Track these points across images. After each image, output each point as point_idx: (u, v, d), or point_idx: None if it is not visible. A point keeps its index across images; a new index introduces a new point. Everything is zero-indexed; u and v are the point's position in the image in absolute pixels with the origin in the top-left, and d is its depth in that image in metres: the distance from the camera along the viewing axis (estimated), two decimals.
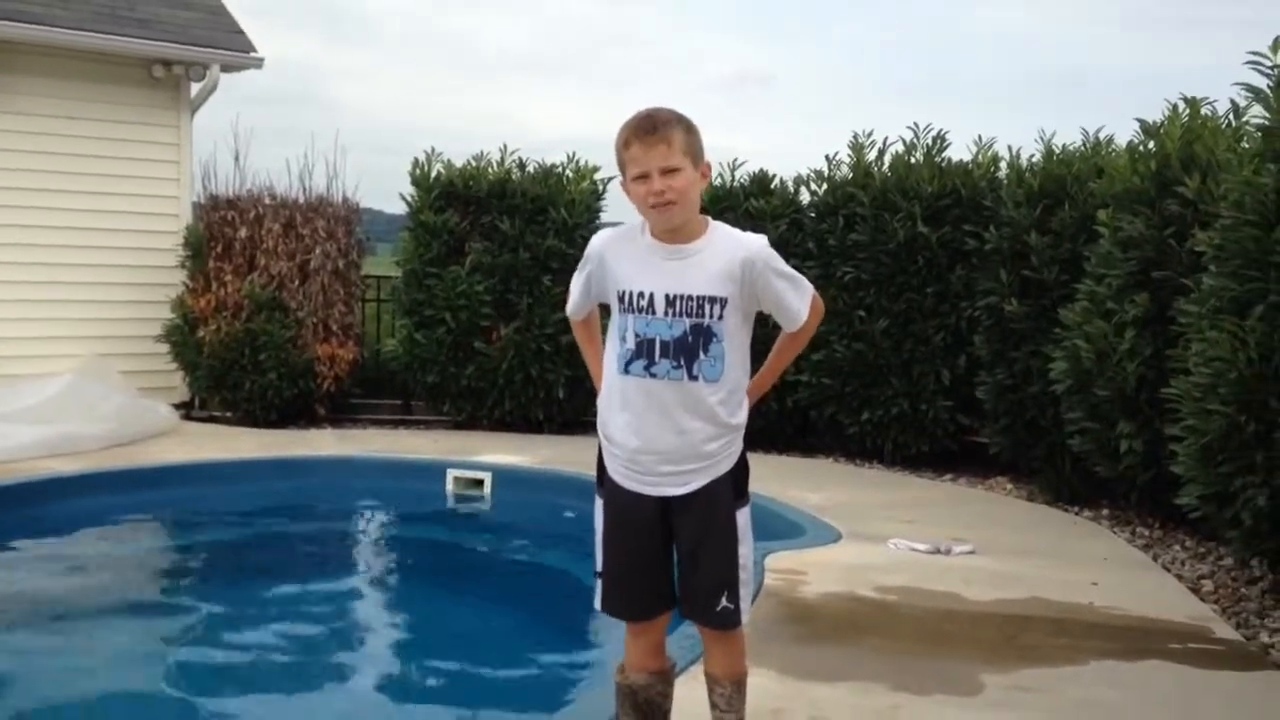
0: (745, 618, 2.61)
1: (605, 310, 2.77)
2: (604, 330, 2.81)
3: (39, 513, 6.13)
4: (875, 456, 8.02)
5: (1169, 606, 4.53)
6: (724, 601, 2.56)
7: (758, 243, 2.55)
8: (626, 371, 2.54)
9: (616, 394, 2.58)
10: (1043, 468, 6.88)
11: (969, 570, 4.98)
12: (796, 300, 2.60)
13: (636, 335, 2.52)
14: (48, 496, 6.36)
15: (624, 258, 2.57)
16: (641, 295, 2.52)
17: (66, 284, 8.94)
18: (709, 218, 2.58)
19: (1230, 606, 4.67)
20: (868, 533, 5.61)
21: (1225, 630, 4.25)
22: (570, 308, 2.78)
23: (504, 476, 7.14)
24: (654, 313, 2.51)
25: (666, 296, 2.50)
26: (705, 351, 2.50)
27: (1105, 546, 5.66)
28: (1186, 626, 4.27)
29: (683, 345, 2.50)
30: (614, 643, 3.80)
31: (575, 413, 9.00)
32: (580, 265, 2.69)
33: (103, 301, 9.07)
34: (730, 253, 2.52)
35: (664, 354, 2.50)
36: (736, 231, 2.59)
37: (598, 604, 2.69)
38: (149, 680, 4.21)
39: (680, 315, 2.50)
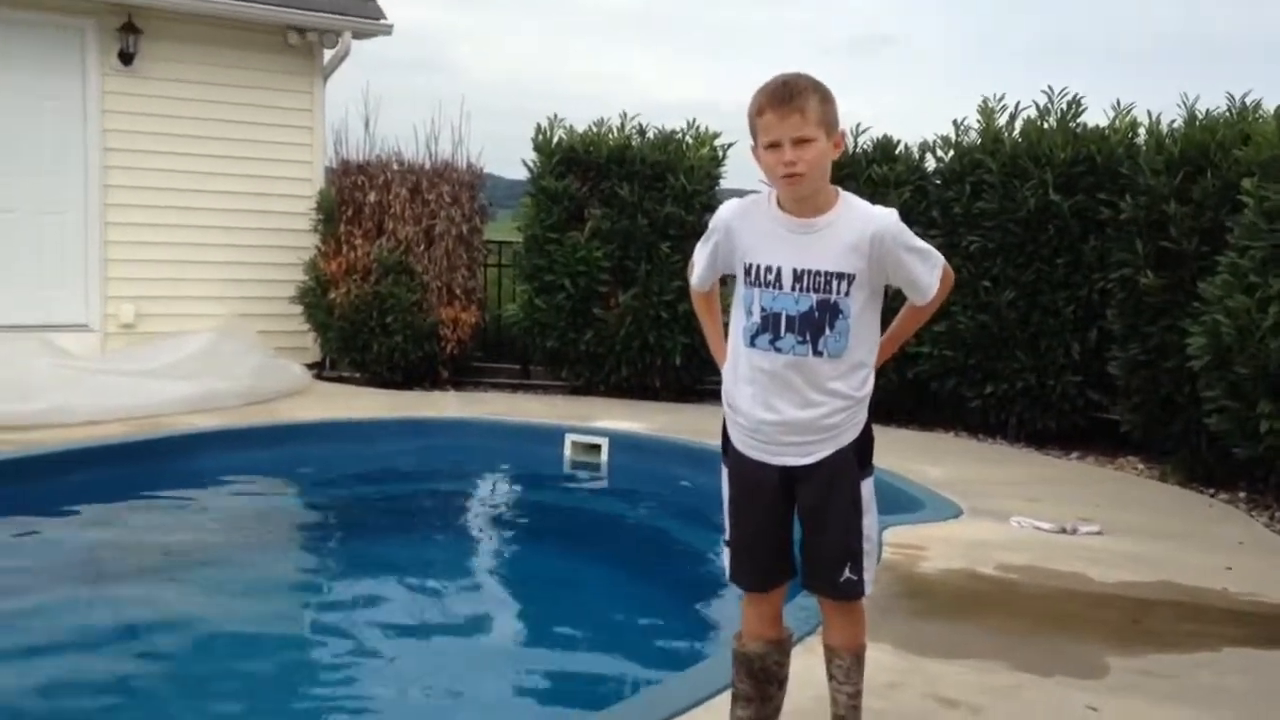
0: (868, 589, 2.59)
1: (722, 280, 2.77)
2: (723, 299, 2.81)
3: (184, 466, 6.45)
4: (998, 432, 7.84)
5: None
6: (847, 573, 2.55)
7: (888, 218, 2.50)
8: (752, 344, 2.53)
9: (742, 365, 2.57)
10: (1176, 447, 6.64)
11: (1095, 551, 4.85)
12: (927, 274, 2.55)
13: (763, 309, 2.51)
14: (193, 450, 6.68)
15: (751, 230, 2.55)
16: (769, 269, 2.50)
17: (207, 245, 9.31)
18: (839, 189, 2.54)
19: None
20: (990, 509, 5.51)
21: None
22: (695, 279, 2.75)
23: (621, 443, 7.21)
24: (781, 287, 2.49)
25: (794, 271, 2.48)
26: (831, 328, 2.48)
27: (1241, 530, 5.44)
28: None
29: (809, 321, 2.48)
30: (731, 610, 3.83)
31: (691, 380, 9.03)
32: (706, 235, 2.68)
33: (240, 263, 9.43)
34: (859, 228, 2.48)
35: (789, 329, 2.49)
36: (866, 205, 2.54)
37: (728, 573, 2.70)
38: (279, 627, 4.41)
39: (807, 290, 2.47)
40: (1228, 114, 6.73)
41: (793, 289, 2.48)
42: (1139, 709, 3.16)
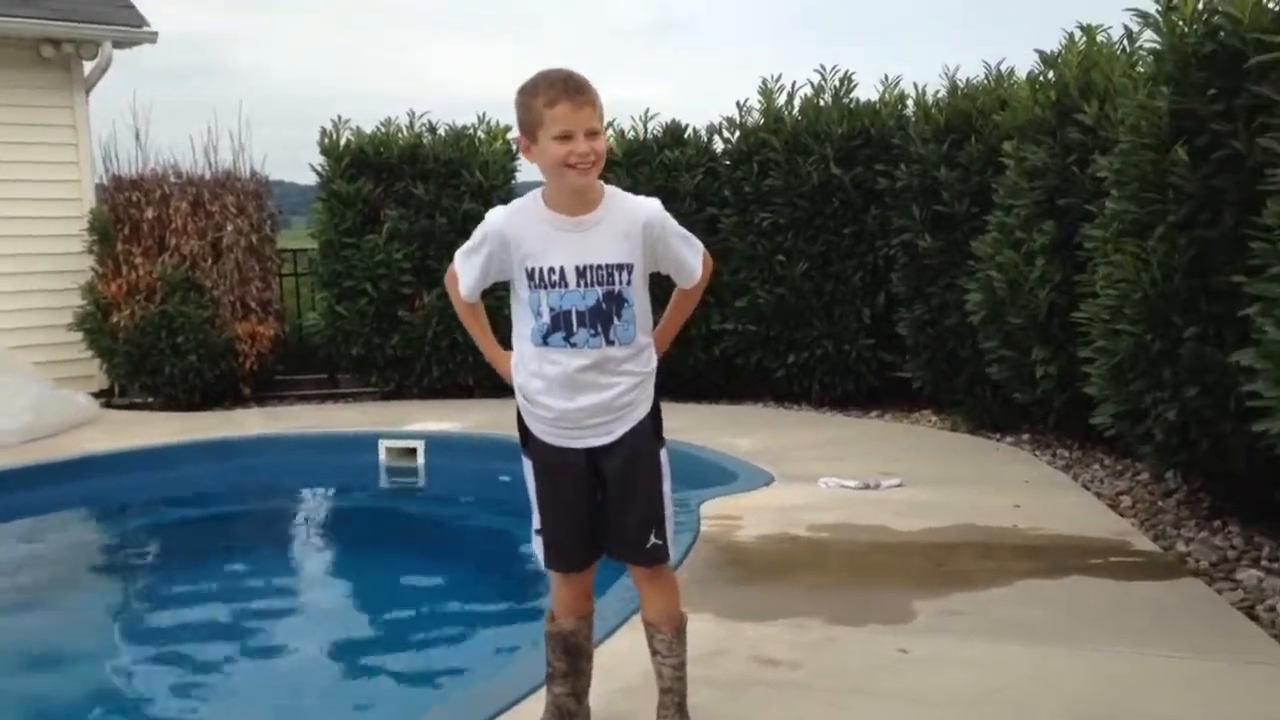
0: (672, 552, 2.71)
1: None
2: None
3: None
4: (803, 398, 8.14)
5: (1090, 523, 4.69)
6: (653, 538, 2.64)
7: (654, 206, 2.62)
8: (545, 344, 2.58)
9: (533, 362, 2.61)
10: (964, 398, 7.05)
11: (898, 503, 5.10)
12: (693, 258, 2.70)
13: (551, 309, 2.55)
14: None
15: (527, 234, 2.58)
16: (552, 270, 2.54)
17: None
18: (602, 183, 2.60)
19: (1148, 519, 4.86)
20: (799, 473, 5.71)
21: (1144, 543, 4.42)
22: (464, 290, 2.71)
23: (436, 444, 7.12)
24: (566, 285, 2.54)
25: (577, 268, 2.54)
26: (619, 317, 2.56)
27: (1027, 470, 5.83)
28: (1107, 542, 4.43)
29: (598, 313, 2.55)
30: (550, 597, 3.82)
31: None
32: (472, 246, 2.66)
33: (8, 293, 8.80)
34: (630, 218, 2.58)
35: (581, 324, 2.55)
36: (630, 196, 2.64)
37: (541, 561, 2.74)
38: (85, 671, 4.16)
39: (592, 285, 2.54)
40: (986, 82, 7.16)
41: (578, 285, 2.54)
42: (945, 646, 3.36)
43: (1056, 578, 4.00)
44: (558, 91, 2.47)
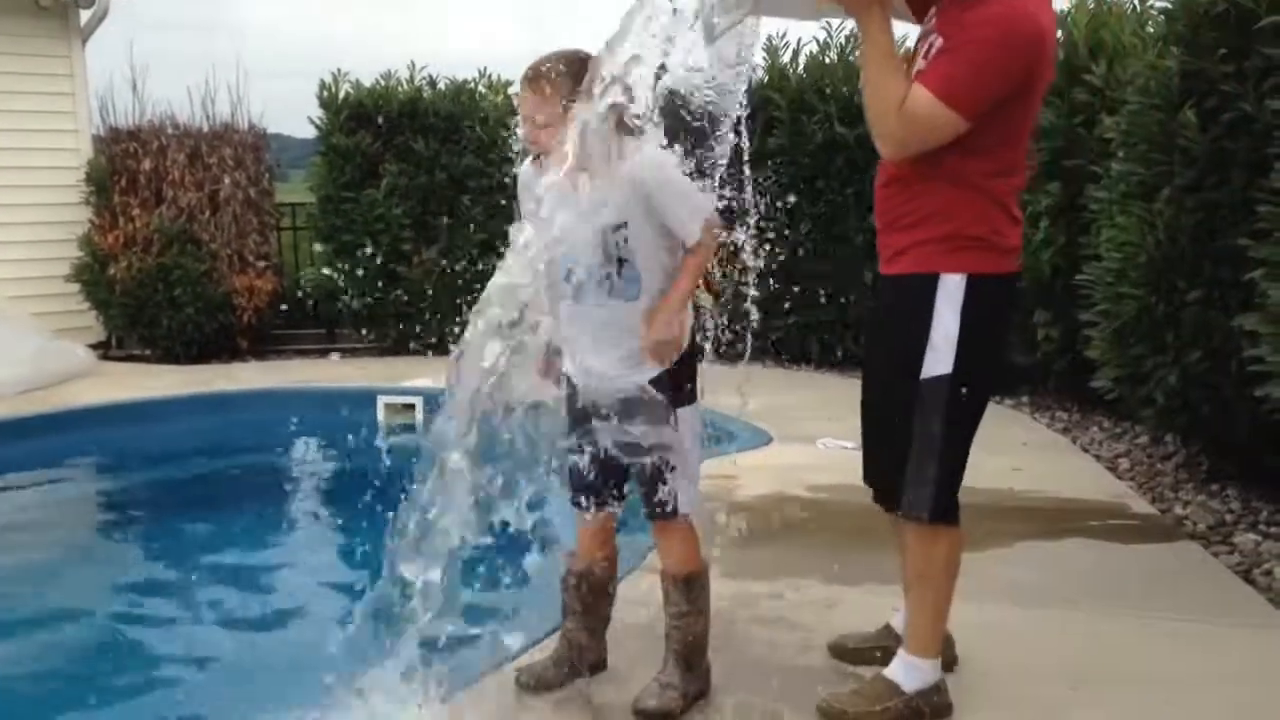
0: (685, 510, 2.71)
1: None
2: None
3: None
4: (802, 359, 8.12)
5: (1088, 486, 4.69)
6: (659, 494, 2.68)
7: (648, 160, 2.54)
8: (556, 298, 2.67)
9: (556, 315, 2.71)
10: None
11: None
12: (690, 220, 2.57)
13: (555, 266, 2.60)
14: None
15: (534, 190, 2.60)
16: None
17: None
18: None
19: (1146, 483, 4.86)
20: (798, 434, 5.70)
21: (1142, 505, 4.42)
22: None
23: (436, 401, 7.08)
24: (564, 244, 2.54)
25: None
26: (620, 275, 2.60)
27: (1025, 432, 5.82)
28: (1105, 504, 4.43)
29: (598, 272, 2.60)
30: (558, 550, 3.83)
31: None
32: None
33: (5, 243, 8.75)
34: (621, 175, 2.55)
35: (585, 281, 2.61)
36: (632, 149, 2.57)
37: (570, 496, 2.81)
38: (79, 622, 4.17)
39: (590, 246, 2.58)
40: None
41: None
42: None
43: (1053, 540, 4.00)
44: (522, 75, 2.55)
